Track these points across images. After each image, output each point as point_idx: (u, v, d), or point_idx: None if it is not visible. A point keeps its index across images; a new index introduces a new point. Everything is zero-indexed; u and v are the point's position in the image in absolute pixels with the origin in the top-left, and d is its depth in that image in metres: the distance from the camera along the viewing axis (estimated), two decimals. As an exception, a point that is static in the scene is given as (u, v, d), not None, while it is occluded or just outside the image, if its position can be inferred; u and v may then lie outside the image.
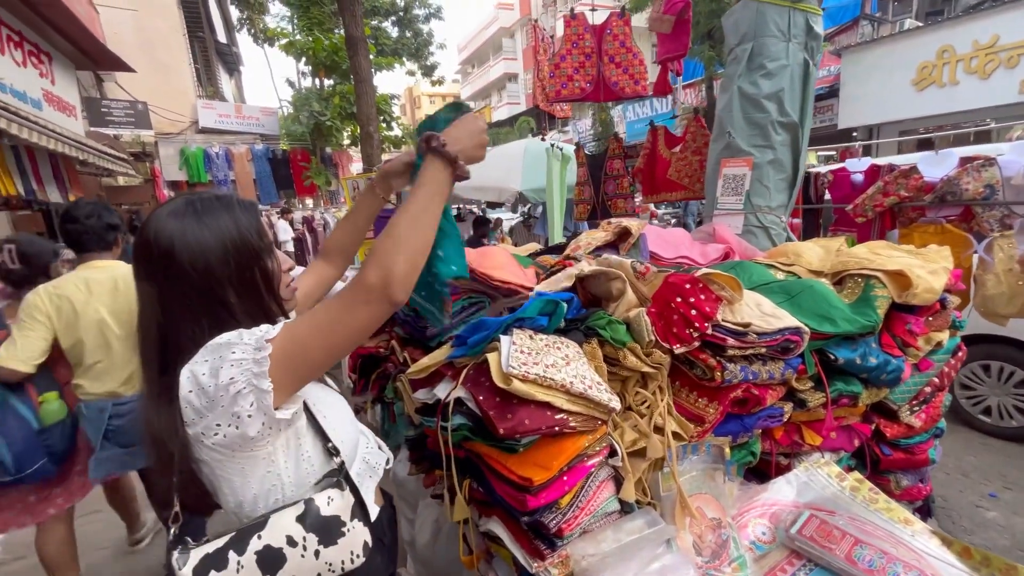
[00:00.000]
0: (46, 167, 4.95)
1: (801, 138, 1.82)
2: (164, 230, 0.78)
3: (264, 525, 0.80)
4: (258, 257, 0.83)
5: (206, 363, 0.73)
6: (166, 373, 0.79)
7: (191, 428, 0.75)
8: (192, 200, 0.83)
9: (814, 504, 1.09)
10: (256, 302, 0.84)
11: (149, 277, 0.79)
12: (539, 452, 0.89)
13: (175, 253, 0.77)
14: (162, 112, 9.65)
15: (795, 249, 1.57)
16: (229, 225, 0.81)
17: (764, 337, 1.03)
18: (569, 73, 2.51)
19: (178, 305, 0.79)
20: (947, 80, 8.59)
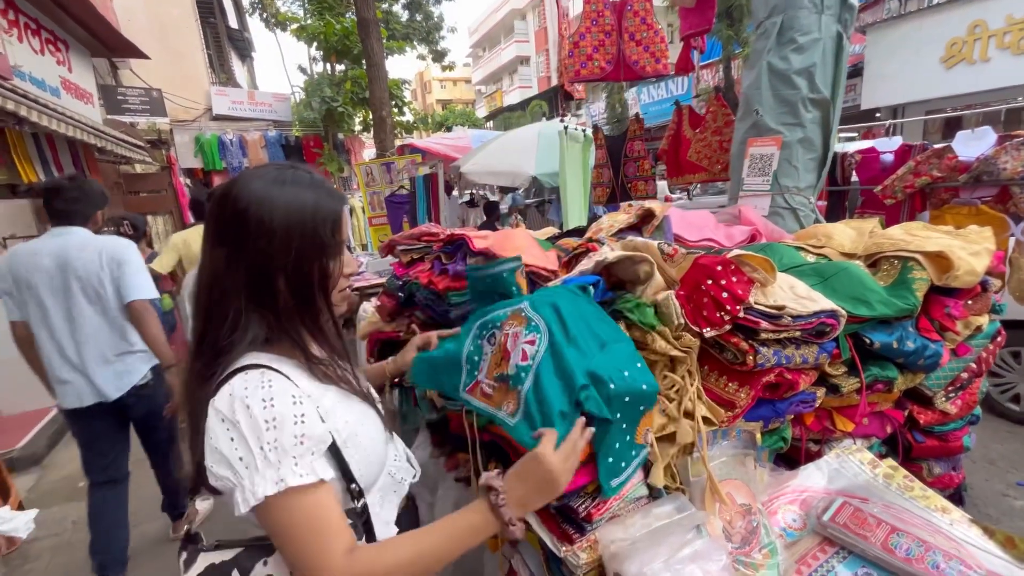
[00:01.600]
0: (66, 155, 5.01)
1: (832, 116, 1.75)
2: (244, 193, 0.74)
3: (273, 550, 0.79)
4: (323, 252, 0.79)
5: (222, 424, 0.70)
6: (207, 340, 0.77)
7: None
8: (284, 171, 0.79)
9: (846, 491, 1.06)
10: (304, 297, 0.79)
11: (215, 236, 0.76)
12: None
13: (247, 218, 0.74)
14: (176, 99, 9.70)
15: (826, 231, 1.52)
16: (307, 209, 0.77)
17: (799, 320, 1.00)
18: (588, 52, 2.44)
19: (231, 272, 0.76)
20: (978, 57, 8.23)
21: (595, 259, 1.10)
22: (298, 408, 0.72)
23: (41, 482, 3.30)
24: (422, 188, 4.71)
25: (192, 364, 0.78)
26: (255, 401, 0.69)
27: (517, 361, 0.87)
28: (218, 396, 0.71)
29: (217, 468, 0.69)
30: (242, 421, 0.68)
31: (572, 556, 0.85)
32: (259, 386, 0.70)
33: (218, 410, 0.70)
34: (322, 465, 0.73)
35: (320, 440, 0.73)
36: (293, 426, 0.70)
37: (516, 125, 19.79)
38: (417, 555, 0.74)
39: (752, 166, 1.75)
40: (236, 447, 0.68)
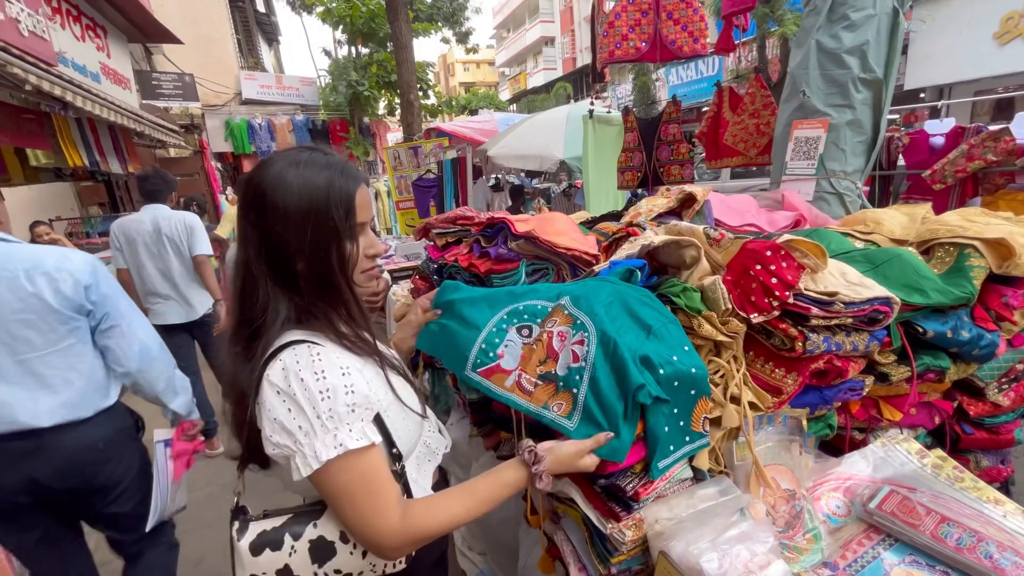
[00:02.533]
0: (107, 139, 5.18)
1: (885, 97, 1.68)
2: (267, 175, 0.78)
3: (321, 514, 0.84)
4: (335, 235, 0.80)
5: (278, 396, 0.74)
6: (244, 323, 0.81)
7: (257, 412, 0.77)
8: (301, 153, 0.81)
9: (892, 480, 1.05)
10: (326, 279, 0.82)
11: (245, 220, 0.80)
12: (615, 417, 0.88)
13: (265, 202, 0.77)
14: (207, 84, 9.87)
15: (874, 217, 1.48)
16: (319, 191, 0.78)
17: (851, 307, 0.98)
18: (624, 32, 2.38)
19: (257, 256, 0.79)
20: (1038, 30, 7.72)
21: (640, 243, 1.09)
22: (347, 379, 0.76)
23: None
24: (450, 172, 4.72)
25: (231, 347, 0.82)
26: (308, 374, 0.73)
27: (569, 363, 0.89)
28: (271, 371, 0.75)
29: (277, 436, 0.74)
30: (298, 392, 0.73)
31: (618, 533, 0.87)
32: (310, 360, 0.74)
33: (274, 383, 0.74)
34: (372, 430, 0.78)
35: (368, 407, 0.78)
36: (345, 395, 0.75)
37: (540, 108, 19.51)
38: (463, 509, 0.81)
39: (797, 149, 1.70)
40: (294, 416, 0.73)
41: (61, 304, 1.34)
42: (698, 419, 0.89)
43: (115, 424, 1.48)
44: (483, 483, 0.85)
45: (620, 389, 0.84)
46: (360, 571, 0.84)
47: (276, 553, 0.80)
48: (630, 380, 0.82)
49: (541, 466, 0.83)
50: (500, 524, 1.73)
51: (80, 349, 1.40)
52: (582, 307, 0.95)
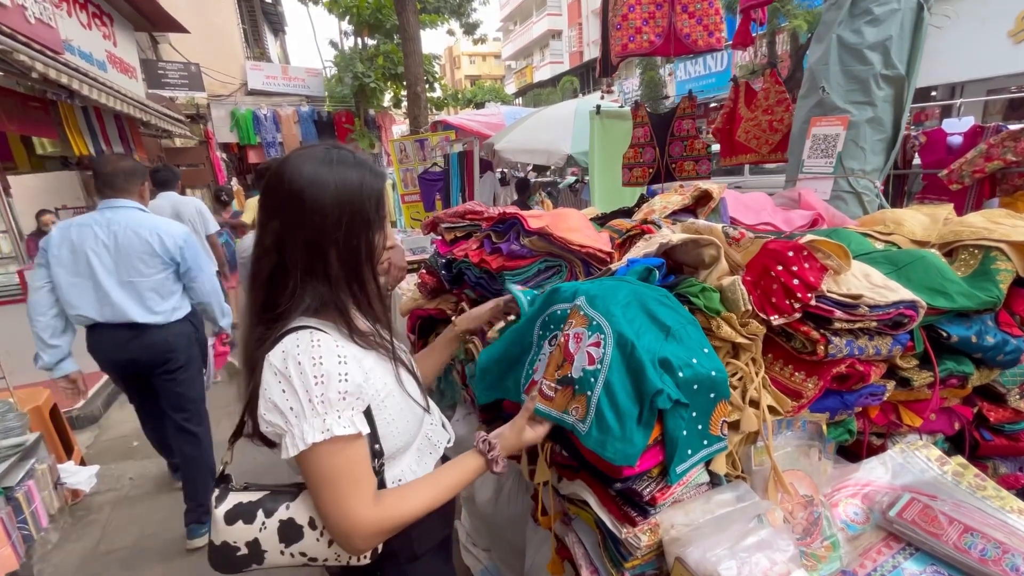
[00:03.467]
0: (112, 128, 5.16)
1: (907, 94, 1.64)
2: (300, 173, 0.81)
3: (295, 496, 0.88)
4: (368, 227, 0.85)
5: (274, 376, 0.78)
6: (267, 307, 0.84)
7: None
8: (331, 151, 0.85)
9: (912, 487, 1.03)
10: (354, 268, 0.86)
11: (274, 213, 0.83)
12: (633, 421, 0.86)
13: (303, 198, 0.80)
14: (213, 74, 9.84)
15: (895, 217, 1.44)
16: (354, 187, 0.83)
17: (876, 310, 0.95)
18: (638, 25, 2.34)
19: (288, 247, 0.83)
20: (1052, 30, 7.59)
21: (658, 241, 1.07)
22: (343, 367, 0.79)
23: (98, 440, 3.51)
24: (456, 165, 4.69)
25: (252, 331, 0.85)
26: (306, 358, 0.77)
27: (584, 365, 0.87)
28: (272, 352, 0.79)
29: (269, 415, 0.77)
30: (294, 375, 0.76)
31: (633, 538, 0.85)
32: (309, 345, 0.78)
33: (272, 364, 0.78)
34: (361, 420, 0.81)
35: (360, 398, 0.81)
36: (338, 383, 0.77)
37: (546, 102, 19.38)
38: (431, 497, 0.86)
39: (814, 147, 1.66)
40: (287, 398, 0.76)
41: (163, 253, 2.21)
42: (716, 422, 0.87)
43: (180, 330, 2.33)
44: (447, 473, 0.91)
45: (636, 393, 0.82)
46: (325, 558, 0.87)
47: (248, 526, 0.85)
48: (648, 384, 0.80)
49: (495, 452, 0.91)
50: (507, 522, 1.71)
51: (166, 282, 2.26)
52: (598, 307, 0.93)
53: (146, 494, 2.81)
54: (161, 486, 2.87)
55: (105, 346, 2.20)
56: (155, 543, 2.41)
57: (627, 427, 0.79)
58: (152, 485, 2.89)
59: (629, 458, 0.79)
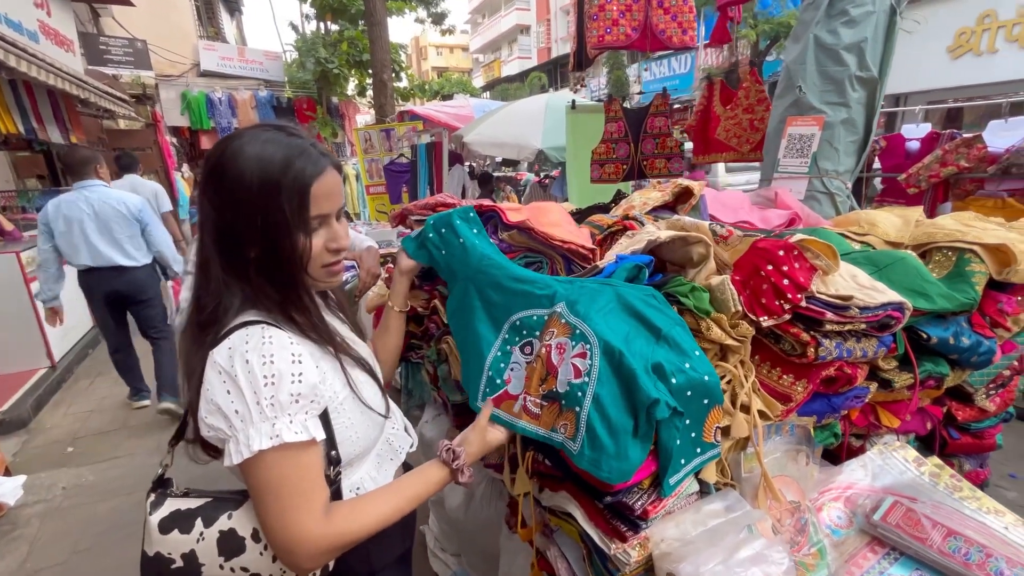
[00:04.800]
0: (46, 105, 4.74)
1: (878, 97, 1.67)
2: (226, 152, 0.72)
3: (240, 504, 0.79)
4: (285, 227, 0.73)
5: (219, 376, 0.69)
6: (200, 307, 0.75)
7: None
8: (267, 130, 0.75)
9: (892, 489, 1.03)
10: (276, 269, 0.76)
11: (203, 193, 0.74)
12: (623, 429, 0.81)
13: (223, 181, 0.71)
14: (162, 52, 9.22)
15: (868, 218, 1.45)
16: (271, 178, 0.71)
17: (866, 312, 0.94)
18: (614, 17, 2.30)
19: (208, 235, 0.75)
20: (985, 48, 8.11)
21: (646, 238, 1.02)
22: (296, 367, 0.71)
23: (27, 446, 3.20)
24: (424, 157, 4.55)
25: (190, 329, 0.76)
26: (255, 356, 0.69)
27: (570, 378, 0.80)
28: (217, 349, 0.70)
29: (211, 419, 0.69)
30: (240, 375, 0.68)
31: (622, 554, 0.80)
32: (260, 342, 0.70)
33: (216, 363, 0.69)
34: (315, 424, 0.73)
35: (315, 400, 0.73)
36: (291, 384, 0.70)
37: (514, 97, 19.29)
38: (392, 509, 0.78)
39: (790, 146, 1.67)
40: (232, 400, 0.68)
41: (128, 215, 3.04)
42: (710, 429, 0.83)
43: (148, 271, 3.21)
44: (409, 482, 0.83)
45: (629, 404, 0.76)
46: (269, 574, 0.79)
47: (184, 536, 0.77)
48: (642, 394, 0.74)
49: (459, 460, 0.84)
50: (478, 527, 1.65)
51: (134, 237, 3.10)
52: (580, 314, 0.86)
53: (80, 505, 2.58)
54: (98, 496, 2.64)
55: (97, 282, 3.08)
56: (89, 560, 2.20)
57: (621, 443, 0.74)
58: (87, 495, 2.65)
59: (625, 475, 0.73)
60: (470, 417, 1.33)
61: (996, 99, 8.73)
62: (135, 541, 1.28)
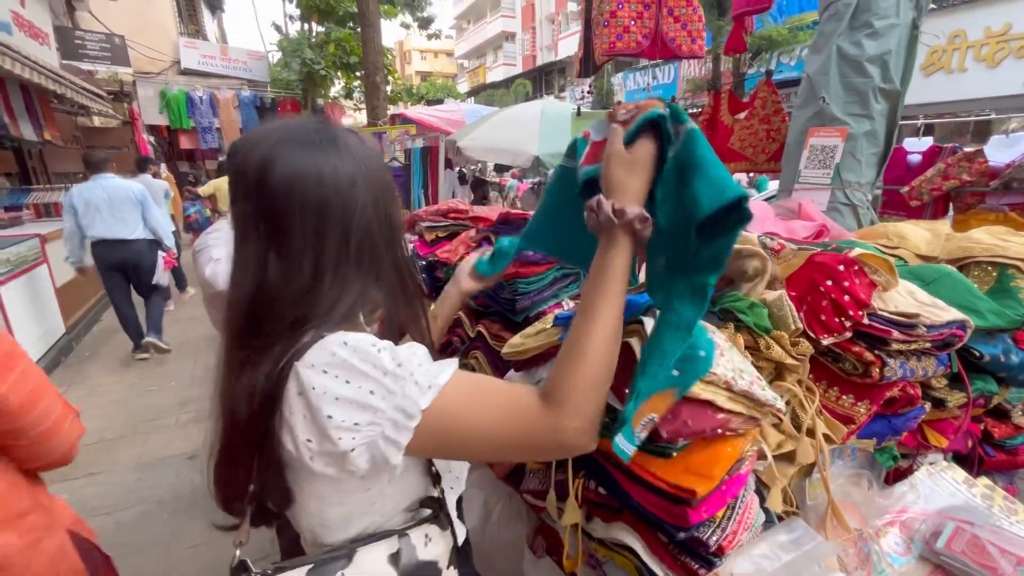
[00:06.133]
0: (18, 100, 4.51)
1: (899, 109, 1.67)
2: (304, 160, 0.61)
3: (350, 560, 0.65)
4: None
5: (324, 376, 0.56)
6: (253, 336, 0.61)
7: (282, 427, 0.59)
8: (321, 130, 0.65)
9: (948, 513, 0.99)
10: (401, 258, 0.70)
11: (296, 207, 0.60)
12: (693, 457, 0.75)
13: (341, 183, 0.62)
14: (140, 48, 8.93)
15: (897, 231, 1.43)
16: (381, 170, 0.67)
17: (932, 331, 0.90)
18: (626, 23, 2.27)
19: (328, 239, 0.62)
20: (956, 66, 8.45)
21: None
22: (410, 349, 0.62)
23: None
24: (419, 161, 4.47)
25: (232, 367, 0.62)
26: (352, 339, 0.58)
27: None
28: (302, 362, 0.57)
29: (344, 416, 0.55)
30: (349, 357, 0.57)
31: (694, 594, 0.74)
32: (356, 339, 0.59)
33: (315, 366, 0.57)
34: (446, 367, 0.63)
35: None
36: (400, 350, 0.60)
37: (500, 103, 19.32)
38: (611, 336, 0.62)
39: (812, 157, 1.65)
40: (359, 384, 0.56)
41: (133, 198, 4.03)
42: (646, 410, 0.66)
43: (147, 245, 4.18)
44: (596, 293, 0.63)
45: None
46: None
47: None
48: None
49: (634, 209, 0.62)
50: (497, 548, 1.56)
51: (137, 216, 4.06)
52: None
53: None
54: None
55: (107, 252, 3.99)
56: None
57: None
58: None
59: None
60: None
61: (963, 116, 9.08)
62: (122, 565, 1.13)
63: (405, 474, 0.69)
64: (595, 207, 0.64)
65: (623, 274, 0.63)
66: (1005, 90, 7.87)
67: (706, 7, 9.45)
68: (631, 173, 0.65)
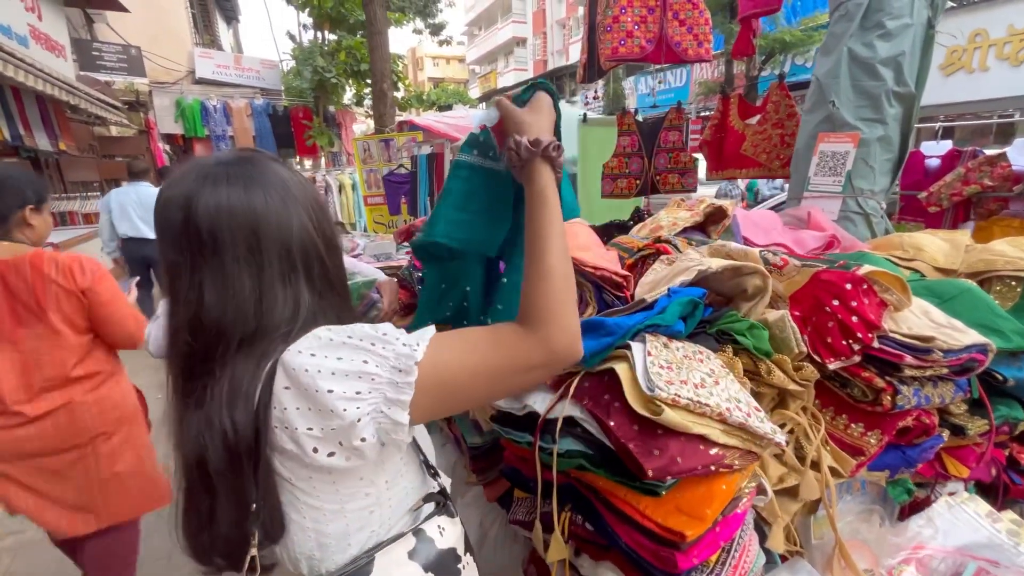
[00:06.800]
0: (34, 111, 4.60)
1: (915, 112, 1.59)
2: (232, 191, 0.61)
3: (371, 565, 0.62)
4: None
5: (314, 357, 0.54)
6: (202, 363, 0.59)
7: (273, 433, 0.56)
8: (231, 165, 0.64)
9: (968, 551, 0.91)
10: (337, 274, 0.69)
11: (190, 250, 0.60)
12: (684, 495, 0.69)
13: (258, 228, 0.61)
14: (156, 59, 9.10)
15: (913, 242, 1.36)
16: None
17: (949, 355, 0.83)
18: (629, 28, 2.22)
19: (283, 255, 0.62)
20: (977, 66, 8.22)
21: (695, 267, 0.91)
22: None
23: None
24: (424, 168, 4.44)
25: (182, 408, 0.60)
26: (337, 327, 0.59)
27: None
28: (288, 352, 0.56)
29: (344, 387, 0.54)
30: (337, 337, 0.57)
31: (685, 643, 0.68)
32: (324, 328, 0.59)
33: (302, 352, 0.56)
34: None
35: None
36: (374, 324, 0.60)
37: (511, 108, 19.22)
38: (562, 251, 0.67)
39: (822, 164, 1.58)
40: (352, 358, 0.56)
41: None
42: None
43: None
44: (539, 221, 0.68)
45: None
46: None
47: None
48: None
49: (546, 137, 0.70)
50: (493, 571, 1.52)
51: None
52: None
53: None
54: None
55: (134, 248, 4.32)
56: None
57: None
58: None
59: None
60: (488, 461, 1.21)
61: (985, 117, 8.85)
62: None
63: (399, 478, 0.67)
64: (513, 146, 0.71)
65: (554, 198, 0.70)
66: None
67: (716, 10, 9.33)
68: (535, 113, 0.75)
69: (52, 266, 1.42)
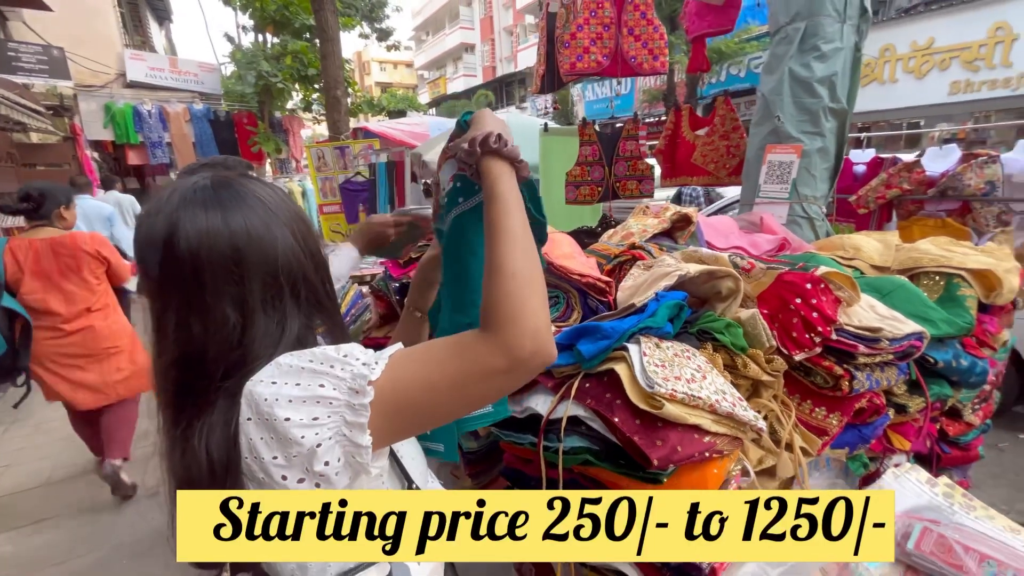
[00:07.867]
0: (-56, 117, 4.18)
1: (847, 126, 1.77)
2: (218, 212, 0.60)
3: None
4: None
5: (274, 385, 0.55)
6: (188, 396, 0.60)
7: (245, 463, 0.57)
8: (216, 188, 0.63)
9: (913, 513, 1.04)
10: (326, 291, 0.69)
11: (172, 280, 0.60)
12: (682, 481, 0.77)
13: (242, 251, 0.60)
14: (82, 61, 8.47)
15: (852, 242, 1.52)
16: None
17: (894, 343, 0.95)
18: (585, 45, 2.33)
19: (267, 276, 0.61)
20: (887, 78, 9.12)
21: (675, 272, 0.99)
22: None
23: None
24: (384, 175, 4.40)
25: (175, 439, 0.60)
26: (297, 352, 0.58)
27: None
28: (252, 380, 0.56)
29: (301, 415, 0.54)
30: (296, 362, 0.57)
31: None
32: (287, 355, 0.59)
33: (264, 380, 0.56)
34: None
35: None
36: (340, 345, 0.59)
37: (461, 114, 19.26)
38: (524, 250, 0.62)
39: (771, 172, 1.74)
40: (309, 383, 0.55)
41: (104, 216, 4.61)
42: None
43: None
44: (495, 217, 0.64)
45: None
46: None
47: None
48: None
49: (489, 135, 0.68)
50: (487, 571, 1.55)
51: (108, 231, 4.48)
52: None
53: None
54: (23, 569, 2.27)
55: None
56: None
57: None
58: (9, 568, 2.28)
59: None
60: (484, 466, 1.25)
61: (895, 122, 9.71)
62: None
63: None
64: (463, 149, 0.70)
65: (509, 194, 0.66)
66: (931, 99, 8.52)
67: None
68: (475, 127, 0.72)
69: (83, 241, 2.37)
